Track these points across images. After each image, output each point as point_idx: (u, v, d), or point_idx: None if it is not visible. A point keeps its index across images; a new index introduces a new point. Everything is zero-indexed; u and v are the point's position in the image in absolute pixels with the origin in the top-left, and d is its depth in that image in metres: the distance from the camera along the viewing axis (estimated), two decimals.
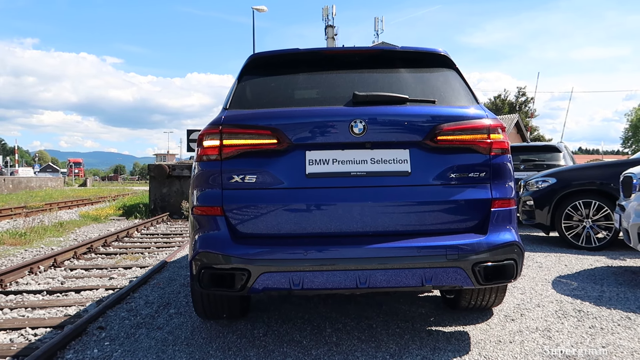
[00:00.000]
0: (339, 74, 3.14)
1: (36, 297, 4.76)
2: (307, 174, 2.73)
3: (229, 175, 2.75)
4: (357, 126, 2.74)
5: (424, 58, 3.21)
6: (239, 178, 2.74)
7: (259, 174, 2.73)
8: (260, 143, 2.76)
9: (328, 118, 2.80)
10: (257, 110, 2.90)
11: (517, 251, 2.73)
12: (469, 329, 3.24)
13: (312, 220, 2.73)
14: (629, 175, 4.63)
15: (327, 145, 2.77)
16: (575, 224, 6.53)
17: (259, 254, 2.63)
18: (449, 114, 2.82)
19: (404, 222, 2.74)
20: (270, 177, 2.73)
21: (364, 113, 2.77)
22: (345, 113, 2.79)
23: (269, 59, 3.26)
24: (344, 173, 2.74)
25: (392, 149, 2.77)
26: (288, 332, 3.23)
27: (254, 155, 2.77)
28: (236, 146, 2.77)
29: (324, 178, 2.74)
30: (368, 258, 2.61)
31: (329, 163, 2.74)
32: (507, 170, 2.85)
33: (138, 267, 6.17)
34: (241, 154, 2.77)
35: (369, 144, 2.76)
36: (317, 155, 2.75)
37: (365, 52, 3.22)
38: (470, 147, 2.80)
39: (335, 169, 2.74)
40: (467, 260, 2.62)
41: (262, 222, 2.74)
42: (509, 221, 2.80)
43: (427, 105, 2.91)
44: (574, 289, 4.25)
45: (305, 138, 2.76)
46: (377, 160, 2.75)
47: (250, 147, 2.77)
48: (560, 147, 9.95)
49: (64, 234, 9.85)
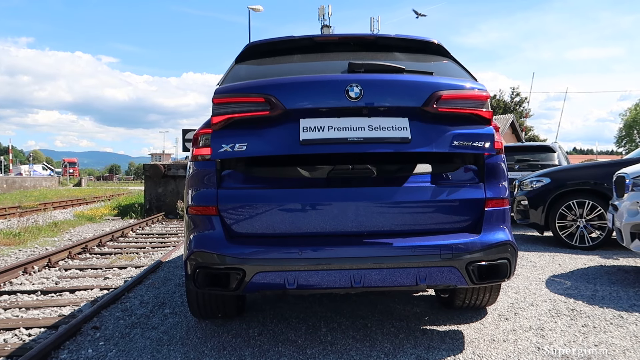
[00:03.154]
0: (333, 59, 3.11)
1: (30, 297, 4.74)
2: (301, 141, 2.63)
3: (219, 145, 2.63)
4: (352, 90, 2.65)
5: (419, 47, 3.21)
6: (228, 147, 2.63)
7: (251, 143, 2.62)
8: (252, 110, 2.66)
9: (323, 84, 2.73)
10: (249, 81, 2.85)
11: (511, 250, 2.75)
12: (463, 328, 3.25)
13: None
14: (621, 175, 4.66)
15: (322, 112, 2.67)
16: (569, 223, 6.57)
17: (254, 253, 2.63)
18: (449, 82, 2.77)
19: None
20: (263, 145, 2.63)
21: (360, 78, 2.70)
22: (341, 78, 2.71)
23: (264, 46, 3.27)
24: (340, 139, 2.63)
25: (390, 116, 2.67)
26: (283, 331, 3.24)
27: (246, 124, 2.67)
28: (228, 114, 2.67)
29: (319, 145, 2.63)
30: (362, 257, 2.62)
31: (324, 130, 2.64)
32: (501, 170, 2.87)
33: (133, 267, 6.16)
34: (233, 122, 2.68)
35: (365, 109, 2.66)
36: (311, 122, 2.65)
37: (359, 38, 3.21)
38: (471, 116, 2.74)
39: (331, 135, 2.63)
40: (461, 259, 2.63)
41: (257, 221, 2.74)
42: (503, 221, 2.81)
43: (426, 75, 2.86)
44: (568, 288, 4.28)
45: (299, 104, 2.67)
46: (375, 127, 2.64)
47: (242, 115, 2.67)
48: (554, 147, 10.01)
49: (58, 234, 9.81)
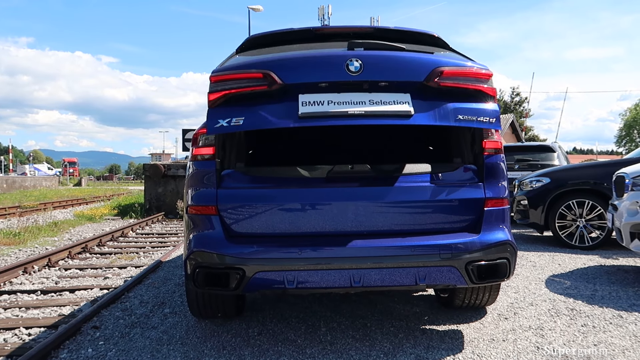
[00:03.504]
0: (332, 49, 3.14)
1: (30, 297, 4.74)
2: (300, 115, 2.57)
3: (215, 121, 2.57)
4: (352, 64, 2.61)
5: (417, 38, 3.19)
6: (224, 122, 2.57)
7: (248, 117, 2.57)
8: (250, 86, 2.62)
9: (322, 59, 2.70)
10: (247, 58, 2.82)
11: (510, 250, 2.75)
12: (462, 327, 3.26)
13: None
14: (621, 175, 4.67)
15: (322, 88, 2.62)
16: (569, 223, 6.57)
17: (254, 252, 2.64)
18: (451, 60, 2.75)
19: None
20: (261, 119, 2.58)
21: (361, 54, 2.67)
22: (341, 54, 2.68)
23: (265, 38, 3.28)
24: (340, 113, 2.56)
25: (391, 92, 2.62)
26: (283, 331, 3.24)
27: (243, 100, 2.62)
28: (225, 90, 2.63)
29: (319, 119, 2.57)
30: (362, 257, 2.62)
31: (323, 104, 2.59)
32: (501, 170, 2.87)
33: (133, 267, 6.16)
34: (230, 98, 2.64)
35: (366, 84, 2.61)
36: (311, 97, 2.60)
37: (358, 29, 3.20)
38: (474, 92, 2.70)
39: (330, 109, 2.58)
40: (460, 259, 2.64)
41: (257, 221, 2.74)
42: (502, 220, 2.82)
43: (427, 54, 2.83)
44: (567, 288, 4.28)
45: (298, 79, 2.62)
46: (376, 101, 2.60)
47: (239, 91, 2.62)
48: (554, 147, 10.01)
49: (58, 233, 9.81)
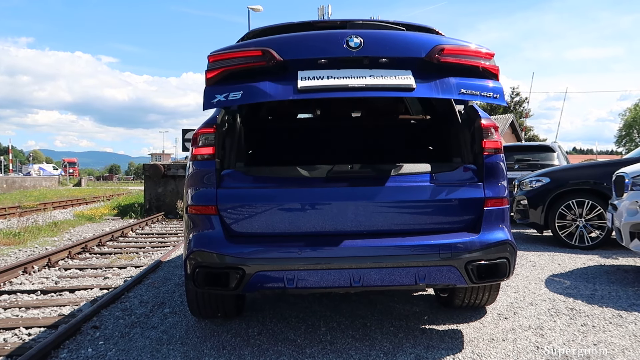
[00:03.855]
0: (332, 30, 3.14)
1: (30, 297, 4.74)
2: (299, 89, 2.54)
3: (212, 96, 2.55)
4: (352, 40, 2.58)
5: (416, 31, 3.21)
6: (222, 97, 2.55)
7: (246, 91, 2.54)
8: (248, 62, 2.60)
9: (321, 36, 2.70)
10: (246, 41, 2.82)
11: (510, 250, 2.76)
12: (462, 327, 3.26)
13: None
14: (621, 174, 4.67)
15: (321, 64, 2.59)
16: (569, 223, 6.57)
17: (253, 252, 2.64)
18: (452, 39, 2.74)
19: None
20: (259, 92, 2.55)
21: (361, 32, 2.65)
22: (340, 32, 2.67)
23: (265, 30, 3.29)
24: (340, 86, 2.52)
25: (393, 68, 2.59)
26: (282, 330, 3.24)
27: (241, 76, 2.60)
28: (222, 67, 2.62)
29: (318, 92, 2.53)
30: (361, 257, 2.62)
31: (323, 79, 2.58)
32: (500, 169, 2.87)
33: (133, 267, 6.16)
34: (228, 74, 2.62)
35: (367, 59, 2.58)
36: (310, 73, 2.58)
37: (356, 22, 3.21)
38: (477, 68, 2.69)
39: (330, 83, 2.54)
40: (460, 258, 2.64)
41: (257, 221, 2.74)
42: (502, 220, 2.82)
43: (427, 33, 2.82)
44: (567, 288, 4.28)
45: (297, 56, 2.60)
46: (377, 77, 2.57)
47: (237, 67, 2.60)
48: (554, 147, 10.01)
49: (58, 233, 9.81)
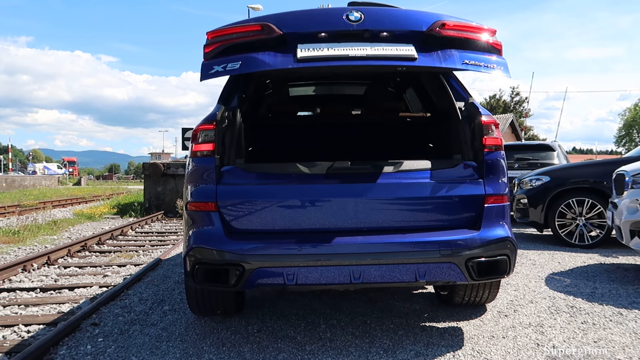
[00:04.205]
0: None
1: (29, 294, 4.73)
2: (298, 58, 2.51)
3: (210, 67, 2.54)
4: (352, 14, 2.58)
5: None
6: (220, 67, 2.53)
7: (245, 61, 2.52)
8: (247, 36, 2.60)
9: (321, 12, 2.71)
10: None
11: (510, 247, 2.75)
12: (462, 324, 3.25)
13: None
14: (621, 172, 4.66)
15: (321, 38, 2.57)
16: (569, 222, 6.56)
17: (253, 249, 2.64)
18: (453, 17, 2.75)
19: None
20: (257, 62, 2.53)
21: (361, 8, 2.65)
22: (341, 8, 2.66)
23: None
24: (341, 55, 2.50)
25: (394, 42, 2.58)
26: (282, 328, 3.23)
27: (240, 48, 2.58)
28: (221, 41, 2.61)
29: (318, 61, 2.51)
30: (361, 254, 2.62)
31: (323, 50, 2.56)
32: (501, 166, 2.87)
33: (132, 265, 6.15)
34: (227, 48, 2.60)
35: (367, 33, 2.57)
36: (310, 46, 2.56)
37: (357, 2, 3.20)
38: (479, 42, 2.68)
39: (330, 53, 2.52)
40: (460, 255, 2.63)
41: (256, 217, 2.74)
42: (502, 217, 2.81)
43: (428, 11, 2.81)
44: (567, 286, 4.28)
45: (297, 29, 2.59)
46: (378, 48, 2.55)
47: (236, 40, 2.59)
48: (554, 146, 10.00)
49: (57, 232, 9.80)
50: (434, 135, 3.75)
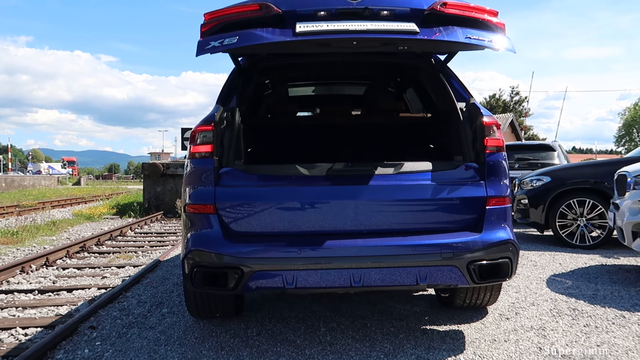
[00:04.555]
0: None
1: (27, 296, 4.70)
2: (297, 32, 2.48)
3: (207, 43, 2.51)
4: None
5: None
6: (217, 42, 2.50)
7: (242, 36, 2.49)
8: (245, 14, 2.58)
9: None
10: None
11: (512, 249, 2.72)
12: (463, 327, 3.22)
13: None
14: (623, 173, 4.63)
15: (321, 16, 2.56)
16: (570, 222, 6.53)
17: (252, 252, 2.61)
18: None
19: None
20: (255, 36, 2.50)
21: None
22: None
23: None
24: (341, 29, 2.48)
25: (395, 20, 2.55)
26: (282, 331, 3.20)
27: (237, 25, 2.55)
28: (218, 20, 2.59)
29: (317, 35, 2.49)
30: (362, 257, 2.59)
31: (322, 27, 2.52)
32: (503, 168, 2.84)
33: (131, 266, 6.12)
34: (224, 25, 2.57)
35: (367, 11, 2.55)
36: (309, 24, 2.53)
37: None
38: (481, 21, 2.65)
39: (330, 28, 2.50)
40: (462, 258, 2.60)
41: (255, 220, 2.71)
42: (504, 219, 2.78)
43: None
44: (569, 288, 4.25)
45: (295, 7, 2.57)
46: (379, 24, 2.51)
47: (233, 19, 2.58)
48: (554, 146, 9.97)
49: (56, 232, 9.77)
50: (434, 135, 3.72)
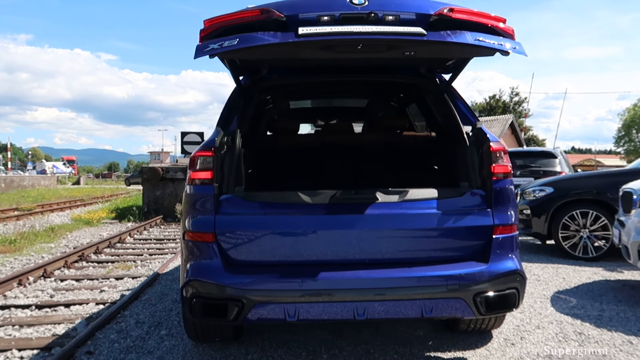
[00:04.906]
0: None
1: (24, 312, 4.63)
2: (299, 34, 2.38)
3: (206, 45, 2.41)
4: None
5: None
6: (216, 45, 2.40)
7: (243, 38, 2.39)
8: (246, 19, 2.50)
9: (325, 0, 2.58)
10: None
11: (520, 279, 2.66)
12: (468, 354, 3.16)
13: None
14: (629, 191, 4.56)
15: (324, 21, 2.45)
16: (572, 233, 6.47)
17: (253, 283, 2.55)
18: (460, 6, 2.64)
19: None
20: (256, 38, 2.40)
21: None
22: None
23: None
24: (344, 31, 2.37)
25: (401, 25, 2.44)
26: (283, 357, 3.14)
27: (238, 29, 2.46)
28: (219, 25, 2.50)
29: (320, 37, 2.38)
30: (365, 289, 2.52)
31: (326, 29, 2.42)
32: (510, 195, 2.77)
33: (130, 278, 6.05)
34: (225, 29, 2.48)
35: (373, 15, 2.44)
36: (312, 27, 2.43)
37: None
38: (489, 27, 2.55)
39: (333, 30, 2.39)
40: (468, 290, 2.54)
41: (256, 249, 2.64)
42: (511, 248, 2.72)
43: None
44: (574, 307, 4.18)
45: (298, 11, 2.48)
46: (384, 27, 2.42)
47: (235, 23, 2.49)
48: (555, 153, 9.91)
49: (55, 239, 9.69)
50: (439, 157, 3.64)
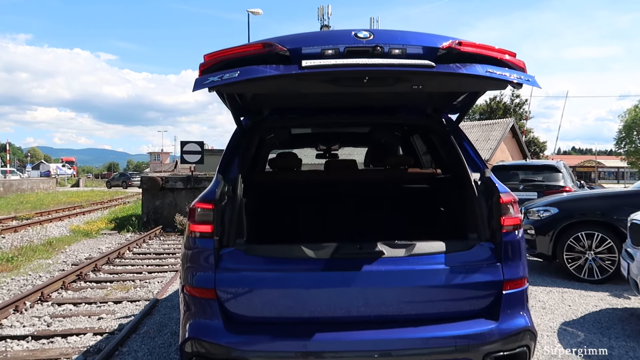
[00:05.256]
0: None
1: (20, 344, 4.55)
2: (302, 66, 2.30)
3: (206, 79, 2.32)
4: (361, 32, 2.38)
5: None
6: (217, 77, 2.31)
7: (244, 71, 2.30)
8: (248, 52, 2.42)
9: (329, 33, 2.53)
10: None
11: (530, 336, 2.58)
12: None
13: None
14: (637, 222, 4.46)
15: (328, 55, 2.35)
16: (578, 255, 6.38)
17: (255, 343, 2.46)
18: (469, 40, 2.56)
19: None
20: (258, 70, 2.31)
21: (369, 29, 2.44)
22: (348, 30, 2.44)
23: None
24: (349, 64, 2.29)
25: (410, 59, 2.34)
26: None
27: (240, 62, 2.38)
28: (220, 59, 2.41)
29: (324, 67, 2.28)
30: (371, 350, 2.43)
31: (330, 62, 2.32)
32: (520, 247, 2.69)
33: (128, 302, 5.96)
34: (226, 63, 2.39)
35: (379, 48, 2.33)
36: (316, 61, 2.33)
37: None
38: (500, 60, 2.46)
39: (339, 62, 2.30)
40: (478, 351, 2.46)
41: (258, 307, 2.55)
42: (522, 303, 2.64)
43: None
44: (581, 343, 4.09)
45: (302, 45, 2.39)
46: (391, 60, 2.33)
47: (236, 57, 2.40)
48: (559, 167, 9.82)
49: (53, 254, 9.59)
50: (445, 198, 3.54)
